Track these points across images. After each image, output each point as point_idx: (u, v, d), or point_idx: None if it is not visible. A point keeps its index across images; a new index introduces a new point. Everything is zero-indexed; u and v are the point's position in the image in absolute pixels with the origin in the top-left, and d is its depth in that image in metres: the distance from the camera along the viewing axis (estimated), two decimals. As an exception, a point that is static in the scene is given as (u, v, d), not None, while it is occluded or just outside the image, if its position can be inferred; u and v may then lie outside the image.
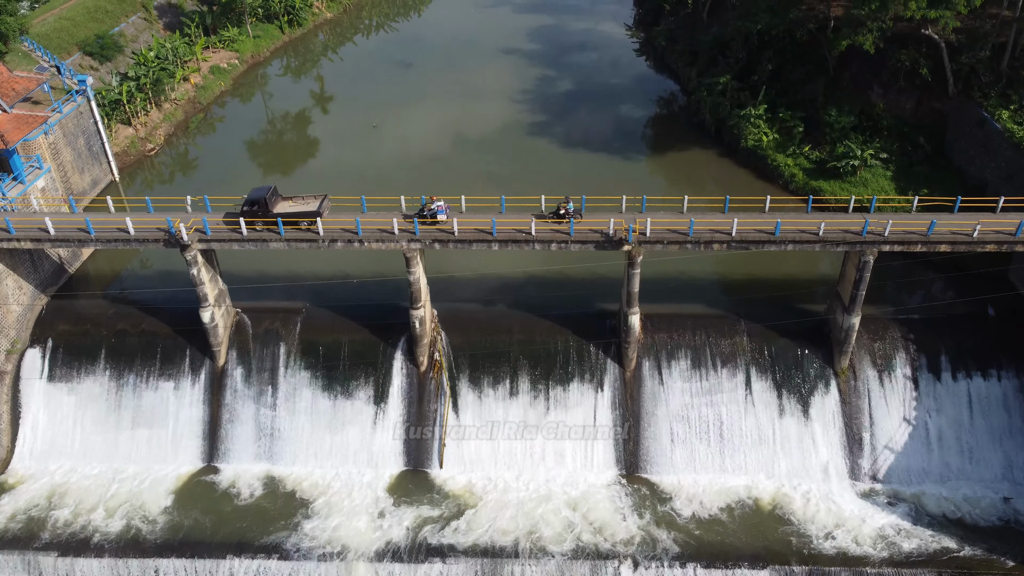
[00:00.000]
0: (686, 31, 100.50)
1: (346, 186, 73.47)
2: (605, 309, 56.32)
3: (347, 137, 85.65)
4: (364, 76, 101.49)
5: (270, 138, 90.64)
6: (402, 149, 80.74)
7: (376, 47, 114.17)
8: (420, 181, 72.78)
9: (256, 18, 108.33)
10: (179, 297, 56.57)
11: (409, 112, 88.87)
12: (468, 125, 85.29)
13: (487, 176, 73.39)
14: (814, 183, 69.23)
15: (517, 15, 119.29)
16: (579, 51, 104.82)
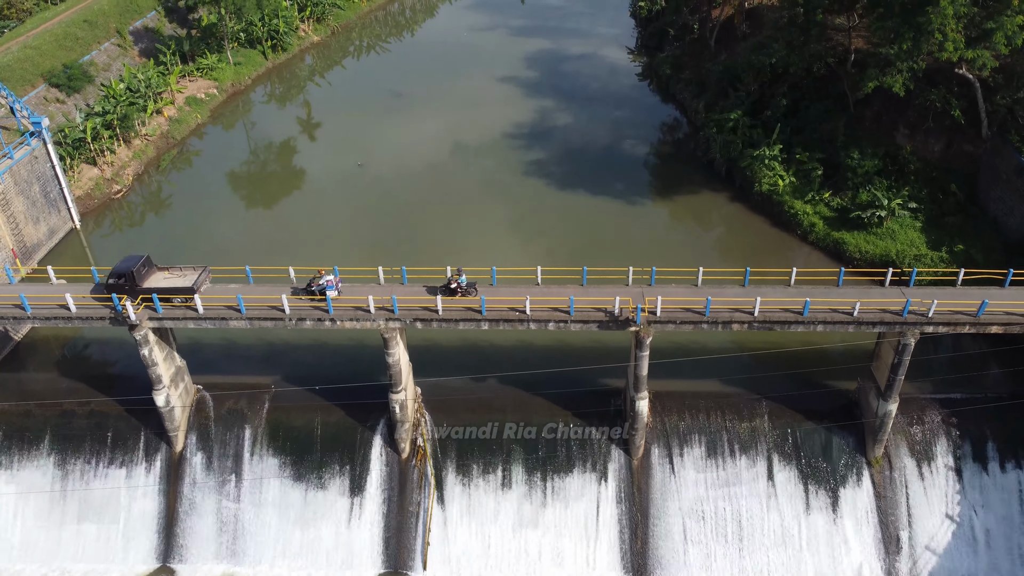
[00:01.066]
0: (692, 59, 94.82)
1: (328, 227, 69.39)
2: (609, 386, 50.45)
3: (332, 170, 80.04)
4: (352, 104, 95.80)
5: (252, 170, 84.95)
6: (388, 189, 75.00)
7: (365, 72, 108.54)
8: (404, 227, 67.37)
9: (238, 43, 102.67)
10: (134, 369, 50.62)
11: (397, 148, 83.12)
12: (459, 164, 79.58)
13: (479, 227, 67.56)
14: (836, 234, 63.40)
15: (513, 39, 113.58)
16: (578, 79, 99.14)
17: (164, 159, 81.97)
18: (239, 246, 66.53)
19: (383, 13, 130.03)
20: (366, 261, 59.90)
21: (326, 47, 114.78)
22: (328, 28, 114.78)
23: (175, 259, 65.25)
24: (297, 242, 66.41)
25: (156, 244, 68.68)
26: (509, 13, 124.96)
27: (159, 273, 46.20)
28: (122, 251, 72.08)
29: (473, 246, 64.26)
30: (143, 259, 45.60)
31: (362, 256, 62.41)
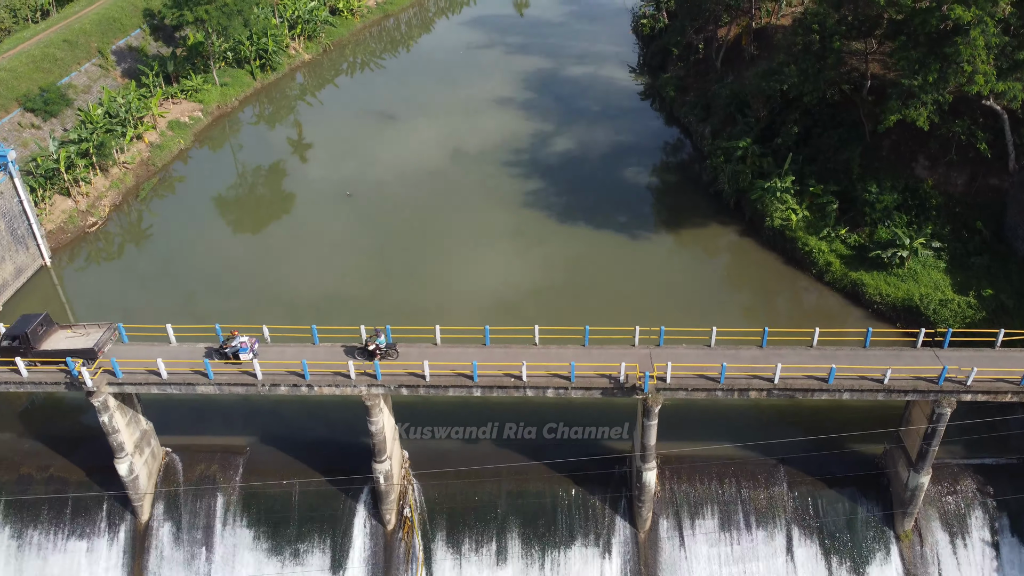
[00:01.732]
0: (697, 80, 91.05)
1: (311, 264, 64.89)
2: (613, 450, 46.49)
3: (321, 196, 76.35)
4: (343, 125, 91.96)
5: (238, 195, 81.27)
6: (376, 221, 71.18)
7: (358, 90, 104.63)
8: (393, 263, 63.40)
9: (225, 63, 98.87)
10: (98, 428, 46.56)
11: (389, 173, 79.31)
12: (452, 192, 75.65)
13: (471, 264, 63.58)
14: (853, 275, 59.40)
15: (511, 57, 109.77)
16: (579, 100, 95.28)
17: (144, 188, 78.05)
18: (216, 285, 62.71)
19: (378, 29, 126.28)
20: (350, 309, 57.07)
21: (318, 65, 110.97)
22: (320, 46, 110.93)
23: (146, 298, 62.25)
24: (276, 281, 62.53)
25: (128, 281, 65.03)
26: (508, 30, 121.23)
27: (60, 332, 42.46)
28: (95, 288, 68.99)
29: (465, 288, 60.35)
30: (41, 318, 41.94)
31: (346, 301, 58.79)
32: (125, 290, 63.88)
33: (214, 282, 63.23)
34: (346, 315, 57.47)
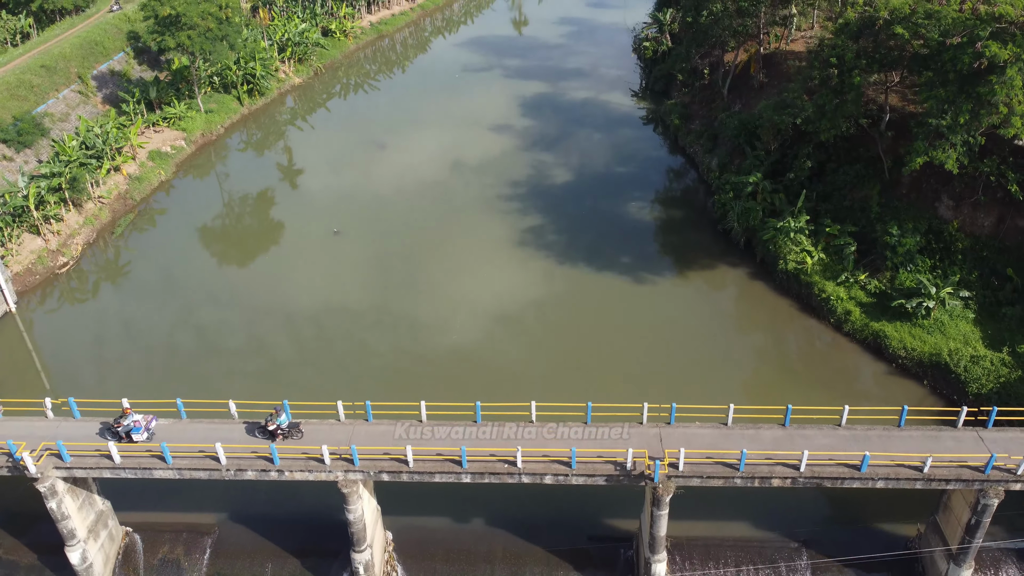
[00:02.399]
0: (703, 107, 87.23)
1: (294, 315, 58.77)
2: (617, 530, 42.25)
3: (313, 222, 72.59)
4: (335, 150, 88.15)
5: (226, 225, 77.62)
6: (366, 256, 67.14)
7: (351, 114, 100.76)
8: (383, 312, 59.14)
9: (211, 87, 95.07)
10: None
11: (379, 202, 75.44)
12: (446, 225, 71.65)
13: (463, 315, 59.50)
14: (875, 325, 55.26)
15: (508, 80, 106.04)
16: (579, 127, 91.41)
17: (120, 224, 73.95)
18: (187, 333, 58.62)
19: (372, 50, 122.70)
20: (331, 375, 52.95)
21: (309, 88, 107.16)
22: (311, 69, 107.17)
23: (117, 349, 57.93)
24: (251, 337, 58.46)
25: (97, 328, 60.90)
26: (505, 51, 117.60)
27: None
28: (64, 335, 64.83)
29: (457, 342, 56.21)
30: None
31: (328, 366, 54.67)
32: (95, 337, 59.80)
33: (193, 330, 59.19)
34: (328, 364, 54.23)
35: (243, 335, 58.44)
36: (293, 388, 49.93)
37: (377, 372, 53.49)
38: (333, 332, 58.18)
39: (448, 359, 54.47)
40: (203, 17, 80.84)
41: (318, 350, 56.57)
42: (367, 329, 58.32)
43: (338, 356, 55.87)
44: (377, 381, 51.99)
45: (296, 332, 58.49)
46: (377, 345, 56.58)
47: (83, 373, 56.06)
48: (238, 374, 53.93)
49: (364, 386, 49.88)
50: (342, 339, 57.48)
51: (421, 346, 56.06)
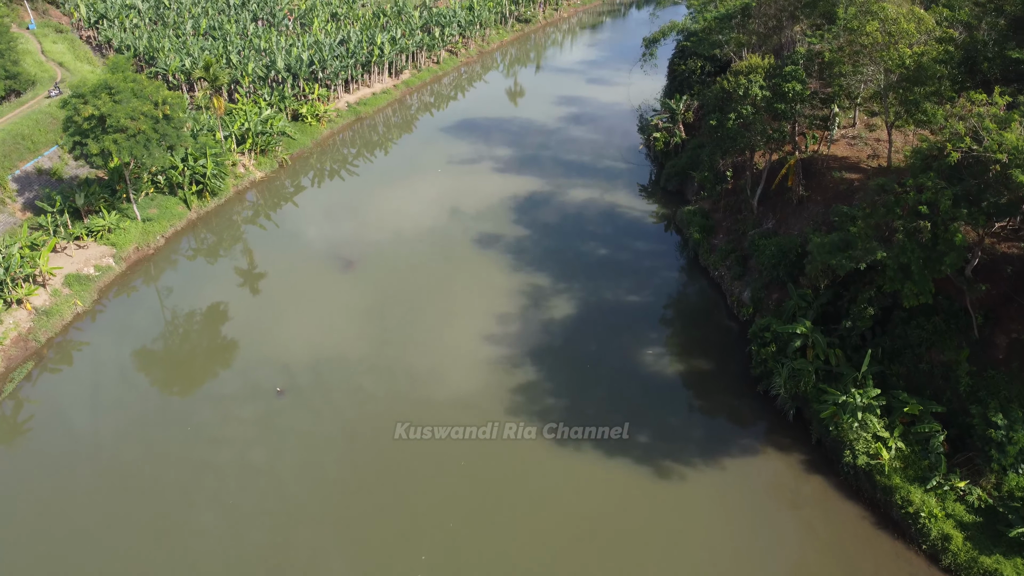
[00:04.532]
0: (727, 217, 74.08)
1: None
2: None
3: (274, 338, 58.56)
4: (298, 262, 74.77)
5: (165, 353, 64.36)
6: (326, 412, 53.05)
7: (319, 215, 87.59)
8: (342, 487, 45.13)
9: (156, 187, 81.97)
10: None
11: (338, 350, 61.70)
12: (424, 384, 57.81)
13: (440, 513, 45.19)
14: (986, 560, 41.02)
15: (500, 176, 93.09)
16: (582, 238, 78.02)
17: (15, 375, 59.85)
18: (110, 517, 44.20)
19: (350, 133, 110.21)
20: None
21: (273, 182, 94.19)
22: (275, 160, 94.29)
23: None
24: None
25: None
26: (496, 134, 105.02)
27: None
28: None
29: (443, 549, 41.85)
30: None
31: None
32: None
33: (118, 513, 44.83)
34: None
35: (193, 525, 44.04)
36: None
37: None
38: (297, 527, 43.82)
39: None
40: (133, 118, 68.00)
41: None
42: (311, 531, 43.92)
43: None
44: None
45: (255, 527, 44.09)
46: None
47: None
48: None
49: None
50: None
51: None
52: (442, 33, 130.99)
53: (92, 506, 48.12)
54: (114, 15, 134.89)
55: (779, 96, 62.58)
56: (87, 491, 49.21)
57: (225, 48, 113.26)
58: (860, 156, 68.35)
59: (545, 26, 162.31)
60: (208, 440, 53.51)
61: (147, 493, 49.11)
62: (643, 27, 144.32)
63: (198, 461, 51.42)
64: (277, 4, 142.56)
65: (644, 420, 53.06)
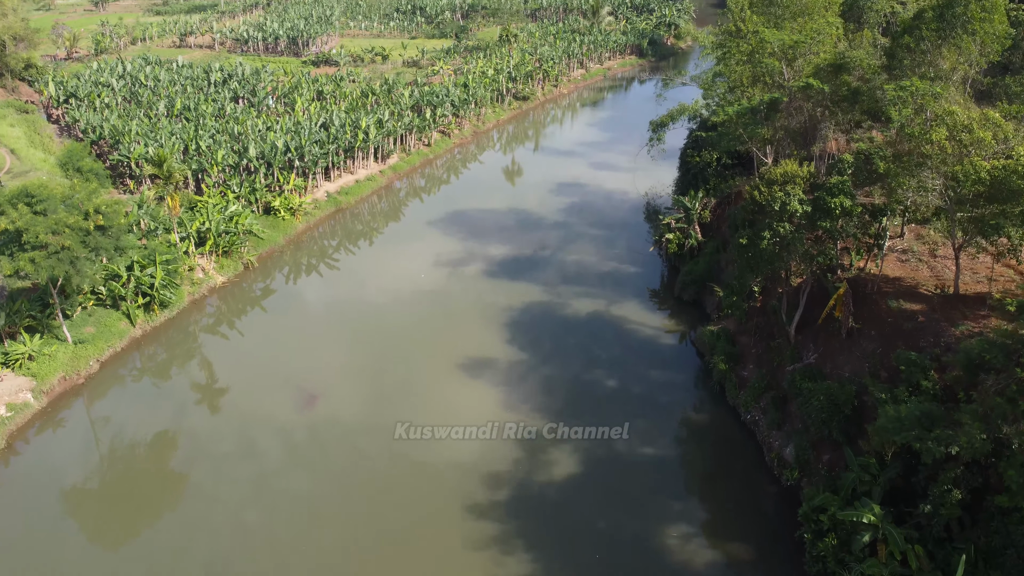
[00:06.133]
0: (757, 343, 63.10)
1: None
2: None
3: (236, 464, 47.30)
4: (262, 388, 63.73)
5: (96, 496, 53.43)
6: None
7: (286, 325, 76.89)
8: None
9: (97, 300, 71.23)
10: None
11: (295, 506, 50.15)
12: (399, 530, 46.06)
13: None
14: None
15: (491, 283, 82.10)
16: (586, 365, 66.79)
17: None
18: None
19: (329, 225, 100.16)
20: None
21: (237, 286, 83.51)
22: (240, 263, 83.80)
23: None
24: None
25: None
26: (490, 233, 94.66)
27: None
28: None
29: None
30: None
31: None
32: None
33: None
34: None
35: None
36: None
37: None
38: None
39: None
40: (56, 232, 57.62)
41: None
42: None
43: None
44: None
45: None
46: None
47: None
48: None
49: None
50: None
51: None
52: (434, 113, 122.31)
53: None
54: (84, 93, 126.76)
55: (823, 212, 52.25)
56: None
57: (196, 132, 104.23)
58: (917, 278, 57.74)
59: (544, 103, 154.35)
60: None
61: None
62: (646, 104, 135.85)
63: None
64: (259, 82, 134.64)
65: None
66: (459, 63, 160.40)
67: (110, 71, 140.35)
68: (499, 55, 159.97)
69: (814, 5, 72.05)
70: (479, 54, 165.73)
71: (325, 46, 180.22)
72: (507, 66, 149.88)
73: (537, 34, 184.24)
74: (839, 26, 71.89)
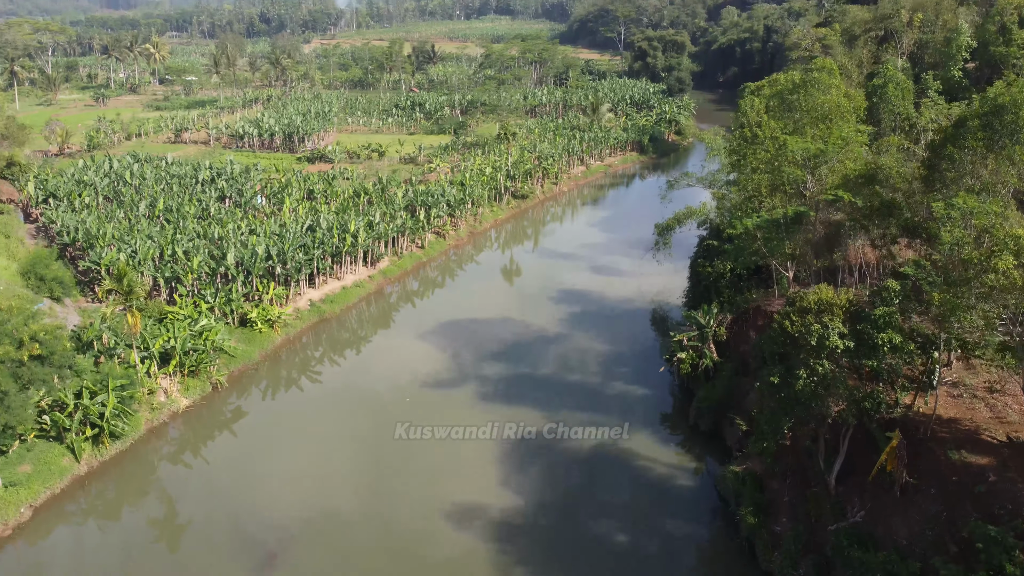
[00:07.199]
0: (790, 489, 54.60)
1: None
2: None
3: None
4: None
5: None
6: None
7: (252, 462, 68.51)
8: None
9: (40, 431, 63.07)
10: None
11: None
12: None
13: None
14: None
15: (487, 408, 73.69)
16: (591, 515, 57.97)
17: None
18: None
19: (311, 337, 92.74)
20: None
21: (204, 409, 75.39)
22: (208, 383, 75.99)
23: None
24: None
25: None
26: (485, 347, 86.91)
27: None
28: None
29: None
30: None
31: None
32: None
33: None
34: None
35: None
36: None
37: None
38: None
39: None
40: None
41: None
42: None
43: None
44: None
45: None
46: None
47: None
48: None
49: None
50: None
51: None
52: (428, 214, 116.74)
53: None
54: (65, 193, 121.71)
55: (868, 349, 44.81)
56: None
57: (174, 236, 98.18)
58: (976, 419, 49.80)
59: (544, 201, 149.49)
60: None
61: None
62: (649, 201, 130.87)
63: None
64: (248, 180, 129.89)
65: None
66: (457, 160, 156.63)
67: (96, 169, 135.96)
68: (497, 152, 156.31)
69: (837, 110, 66.85)
70: (477, 151, 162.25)
71: (321, 142, 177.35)
72: (505, 164, 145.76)
73: (536, 130, 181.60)
74: (867, 133, 66.49)
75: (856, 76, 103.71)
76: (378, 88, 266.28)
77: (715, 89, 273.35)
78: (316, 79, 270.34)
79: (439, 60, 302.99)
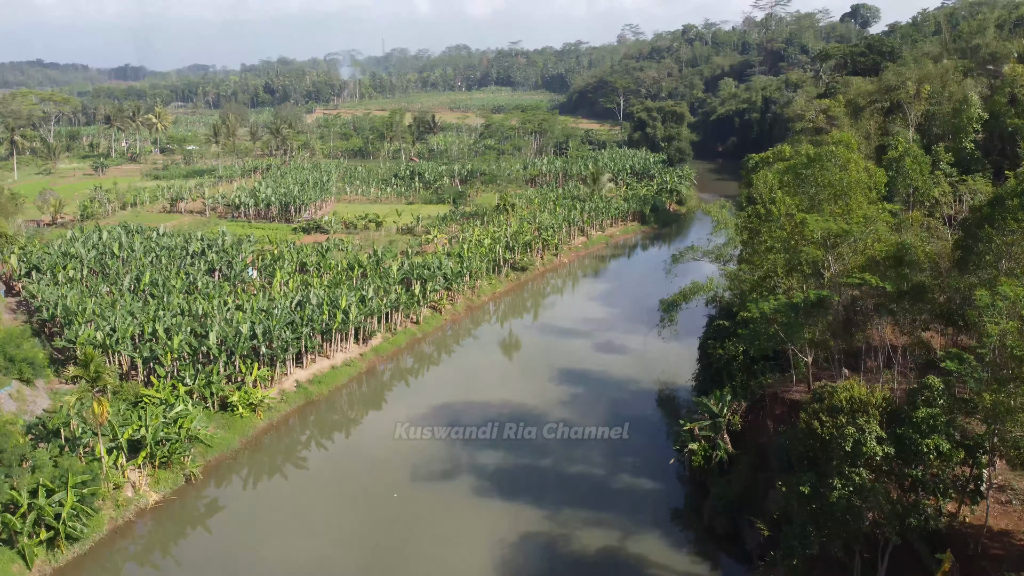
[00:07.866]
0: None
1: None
2: None
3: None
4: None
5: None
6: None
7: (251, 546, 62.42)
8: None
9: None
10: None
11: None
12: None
13: None
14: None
15: (479, 508, 67.90)
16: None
17: None
18: None
19: (299, 418, 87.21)
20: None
21: (175, 504, 69.51)
22: (180, 474, 70.27)
23: None
24: None
25: None
26: (481, 435, 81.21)
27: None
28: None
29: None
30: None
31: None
32: None
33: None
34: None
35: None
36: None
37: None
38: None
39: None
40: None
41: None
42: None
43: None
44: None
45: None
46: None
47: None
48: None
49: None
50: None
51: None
52: (424, 288, 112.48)
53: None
54: (48, 266, 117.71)
55: (911, 456, 39.65)
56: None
57: (156, 313, 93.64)
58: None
59: (544, 273, 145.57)
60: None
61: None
62: (652, 273, 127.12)
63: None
64: (239, 252, 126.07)
65: None
66: (455, 230, 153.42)
67: (84, 240, 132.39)
68: (496, 223, 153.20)
69: (855, 187, 63.16)
70: (476, 221, 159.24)
71: (318, 212, 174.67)
72: (505, 235, 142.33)
73: (536, 200, 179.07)
74: (890, 210, 62.65)
75: (865, 148, 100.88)
76: (378, 157, 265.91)
77: (714, 158, 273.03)
78: (316, 148, 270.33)
79: (439, 130, 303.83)
